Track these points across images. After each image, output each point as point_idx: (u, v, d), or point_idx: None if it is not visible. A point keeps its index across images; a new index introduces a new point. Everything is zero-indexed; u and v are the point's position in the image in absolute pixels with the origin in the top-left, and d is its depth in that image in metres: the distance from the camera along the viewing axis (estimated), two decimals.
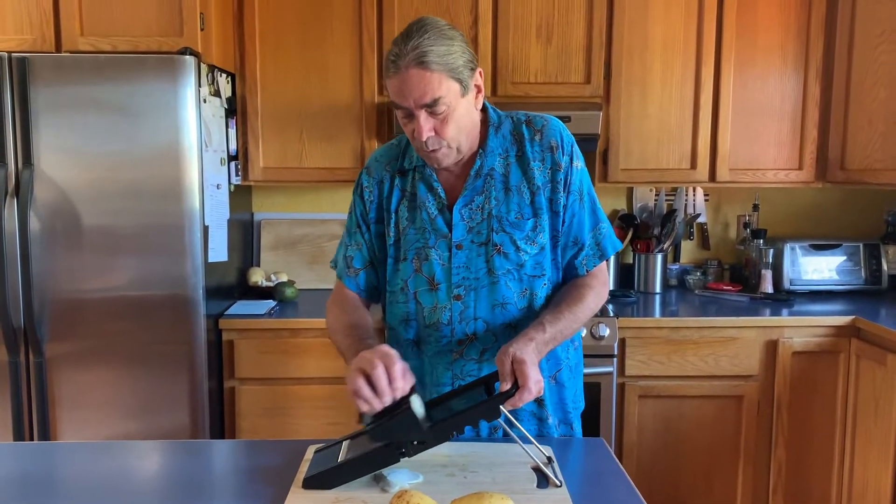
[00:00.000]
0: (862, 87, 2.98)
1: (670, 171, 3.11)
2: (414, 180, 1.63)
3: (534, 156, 1.59)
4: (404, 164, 1.66)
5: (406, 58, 1.43)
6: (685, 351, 2.84)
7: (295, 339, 2.81)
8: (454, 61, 1.45)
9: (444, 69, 1.44)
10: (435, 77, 1.44)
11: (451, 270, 1.59)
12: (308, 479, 1.35)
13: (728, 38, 3.03)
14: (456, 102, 1.48)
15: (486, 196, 1.59)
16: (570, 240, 1.63)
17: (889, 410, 2.61)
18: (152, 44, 2.64)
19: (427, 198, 1.61)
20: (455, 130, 1.51)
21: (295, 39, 2.99)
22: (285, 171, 3.07)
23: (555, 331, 1.51)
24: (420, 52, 1.42)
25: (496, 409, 1.39)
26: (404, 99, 1.46)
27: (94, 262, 2.60)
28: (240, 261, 3.22)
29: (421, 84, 1.44)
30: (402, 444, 1.35)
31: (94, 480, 1.44)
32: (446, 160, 1.55)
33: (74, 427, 2.66)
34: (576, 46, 3.01)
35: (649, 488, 2.83)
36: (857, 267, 3.27)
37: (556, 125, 1.63)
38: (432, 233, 1.60)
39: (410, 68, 1.43)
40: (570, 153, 1.60)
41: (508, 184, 1.59)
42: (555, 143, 1.59)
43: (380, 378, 1.34)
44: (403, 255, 1.64)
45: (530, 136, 1.61)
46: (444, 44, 1.45)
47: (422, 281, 1.62)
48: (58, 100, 2.53)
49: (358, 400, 1.35)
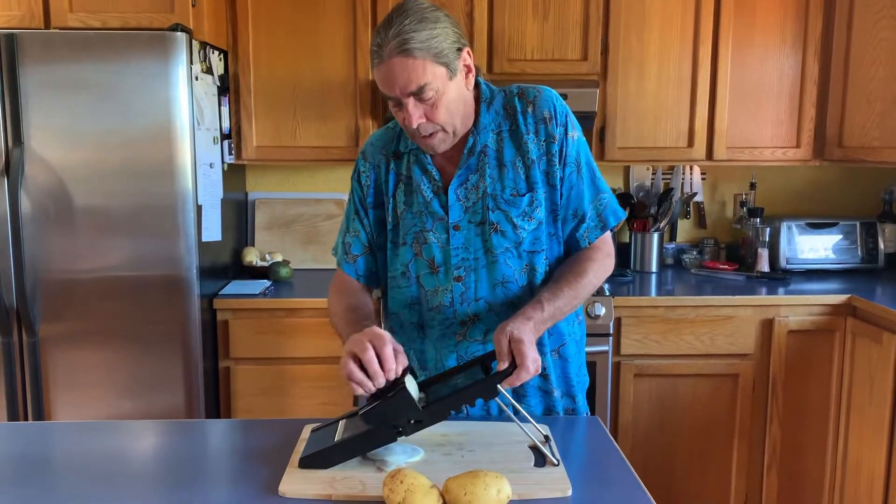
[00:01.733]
0: (860, 66, 2.95)
1: (667, 149, 3.09)
2: (409, 163, 1.61)
3: (527, 128, 1.56)
4: (399, 147, 1.64)
5: (388, 46, 1.40)
6: (681, 330, 2.83)
7: (290, 318, 2.80)
8: (438, 45, 1.42)
9: (429, 54, 1.41)
10: (419, 64, 1.41)
11: (449, 252, 1.58)
12: (304, 458, 1.34)
13: (726, 16, 3.00)
14: (444, 86, 1.45)
15: (480, 174, 1.57)
16: (569, 213, 1.60)
17: (884, 389, 2.62)
18: (143, 20, 2.61)
19: (422, 180, 1.59)
20: (446, 114, 1.48)
21: (288, 16, 2.96)
22: (279, 149, 3.04)
23: (553, 308, 1.50)
24: (402, 38, 1.39)
25: (494, 387, 1.38)
26: (391, 88, 1.44)
27: (86, 243, 2.58)
28: (234, 240, 3.20)
29: (405, 72, 1.41)
30: (399, 423, 1.34)
31: (88, 461, 1.44)
32: (442, 145, 1.53)
33: (68, 407, 2.66)
34: (573, 23, 2.98)
35: (644, 467, 2.84)
36: (853, 246, 3.26)
37: (549, 95, 1.59)
38: (429, 216, 1.59)
39: (394, 57, 1.40)
40: (564, 123, 1.57)
41: (503, 160, 1.57)
42: (548, 113, 1.56)
43: (371, 361, 1.33)
44: (402, 240, 1.62)
45: (523, 108, 1.57)
46: (427, 27, 1.41)
47: (422, 264, 1.61)
48: (47, 78, 2.50)
49: (351, 384, 1.35)
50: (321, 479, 1.28)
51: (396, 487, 1.15)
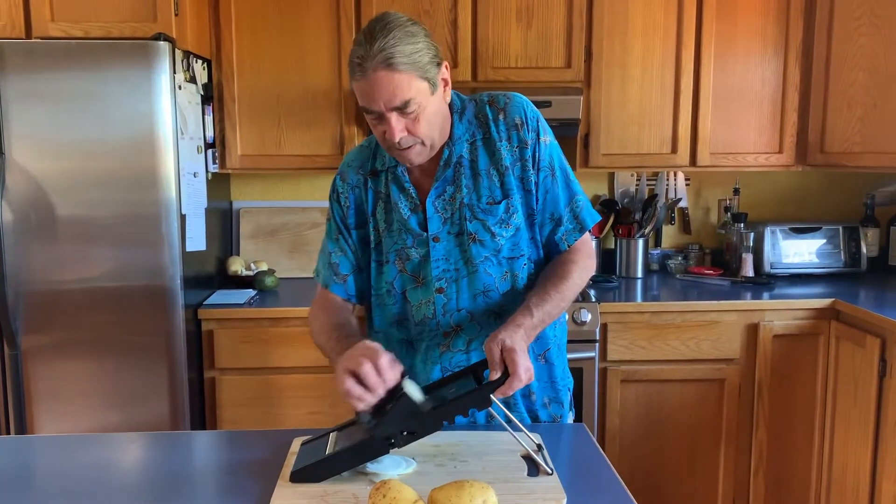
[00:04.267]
0: (841, 71, 2.98)
1: (651, 155, 3.11)
2: (387, 181, 1.61)
3: (500, 136, 1.57)
4: (376, 164, 1.64)
5: (373, 60, 1.39)
6: (667, 335, 2.84)
7: (276, 328, 2.78)
8: (421, 59, 1.42)
9: (413, 69, 1.41)
10: (404, 78, 1.41)
11: (430, 264, 1.58)
12: (295, 472, 1.33)
13: (708, 22, 3.02)
14: (426, 101, 1.45)
15: (456, 185, 1.57)
16: (546, 217, 1.61)
17: (868, 392, 2.64)
18: (125, 29, 2.59)
19: (399, 199, 1.59)
20: (427, 128, 1.48)
21: (272, 24, 2.95)
22: (263, 158, 3.03)
23: (542, 314, 1.50)
24: (387, 53, 1.39)
25: (487, 397, 1.38)
26: (373, 102, 1.43)
27: (69, 253, 2.56)
28: (219, 250, 3.18)
29: (390, 86, 1.41)
30: (391, 435, 1.33)
31: (72, 475, 1.42)
32: (419, 158, 1.52)
33: (52, 420, 2.63)
34: (556, 30, 2.99)
35: (631, 472, 2.85)
36: (836, 250, 3.29)
37: (519, 101, 1.59)
38: (408, 233, 1.59)
39: (378, 71, 1.39)
40: (535, 128, 1.58)
41: (477, 168, 1.57)
42: (519, 120, 1.57)
43: (368, 373, 1.32)
44: (386, 258, 1.63)
45: (494, 115, 1.58)
46: (410, 42, 1.41)
47: (407, 279, 1.61)
48: (29, 87, 2.48)
49: (351, 400, 1.34)
50: (313, 494, 1.27)
51: (379, 501, 1.14)
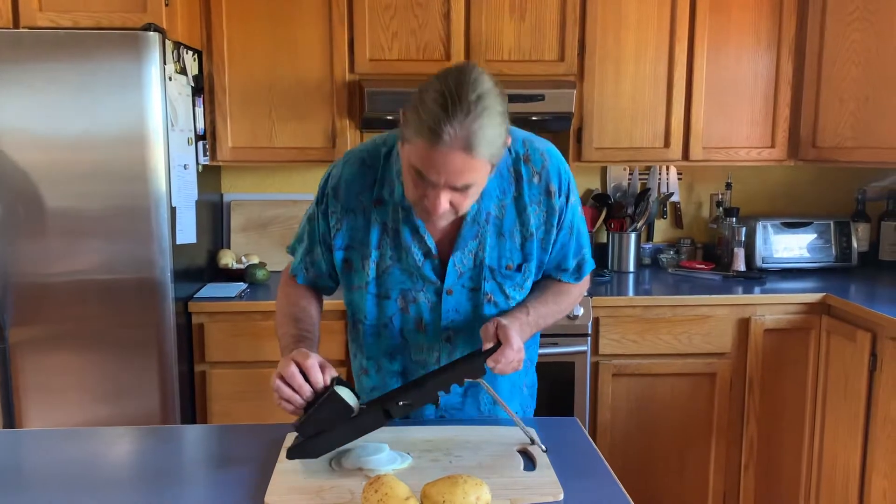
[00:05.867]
0: (833, 66, 2.99)
1: (644, 149, 3.10)
2: (397, 217, 1.50)
3: (531, 198, 1.51)
4: (382, 193, 1.51)
5: (455, 137, 1.26)
6: (658, 329, 2.84)
7: (266, 321, 2.76)
8: (499, 142, 1.32)
9: (488, 156, 1.31)
10: (478, 164, 1.30)
11: (440, 314, 1.55)
12: (292, 449, 1.34)
13: (701, 16, 3.02)
14: (484, 180, 1.38)
15: (480, 242, 1.51)
16: (552, 265, 1.61)
17: (858, 386, 2.65)
18: (115, 20, 2.56)
19: (412, 243, 1.50)
20: (470, 203, 1.40)
21: (263, 15, 2.92)
22: (255, 150, 3.01)
23: (537, 315, 1.54)
24: (473, 137, 1.26)
25: (480, 366, 1.40)
26: (434, 174, 1.31)
27: (58, 246, 2.53)
28: (209, 243, 3.16)
29: (461, 169, 1.30)
30: (388, 406, 1.36)
31: (62, 469, 1.41)
32: (445, 223, 1.43)
33: (41, 414, 2.60)
34: (549, 23, 2.97)
35: (623, 466, 2.85)
36: (827, 245, 3.30)
37: (555, 165, 1.53)
38: (420, 278, 1.53)
39: (455, 151, 1.27)
40: (566, 192, 1.53)
41: (502, 228, 1.51)
42: (553, 187, 1.51)
43: (294, 375, 1.34)
44: (386, 293, 1.55)
45: (528, 176, 1.50)
46: (496, 125, 1.29)
47: (409, 320, 1.57)
48: (17, 78, 2.45)
49: (281, 402, 1.36)
50: (309, 489, 1.26)
51: (371, 496, 1.14)
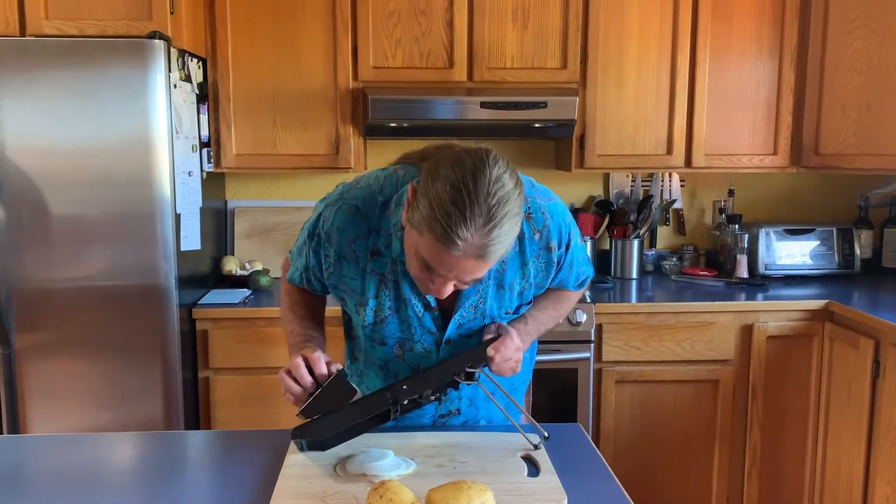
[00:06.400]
0: (836, 74, 2.99)
1: (646, 156, 3.11)
2: (395, 270, 1.46)
3: (532, 253, 1.50)
4: (379, 245, 1.45)
5: (469, 244, 1.21)
6: (661, 336, 2.85)
7: (270, 327, 2.77)
8: (513, 241, 1.28)
9: (499, 257, 1.27)
10: (487, 265, 1.28)
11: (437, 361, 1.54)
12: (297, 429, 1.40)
13: (703, 24, 3.02)
14: None
15: (480, 297, 1.50)
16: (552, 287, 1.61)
17: (861, 393, 2.64)
18: (120, 27, 2.58)
19: (412, 296, 1.48)
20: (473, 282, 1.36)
21: (267, 23, 2.94)
22: (259, 157, 3.02)
23: (537, 324, 1.57)
24: (490, 247, 1.23)
25: (482, 353, 1.43)
26: (444, 271, 1.27)
27: (62, 252, 2.54)
28: (213, 249, 3.17)
29: (473, 271, 1.28)
30: (394, 397, 1.39)
31: (66, 474, 1.41)
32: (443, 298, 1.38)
33: (45, 419, 2.61)
34: (552, 31, 2.99)
35: (626, 473, 2.84)
36: (830, 251, 3.30)
37: (557, 223, 1.50)
38: (418, 328, 1.51)
39: (469, 258, 1.23)
40: (566, 244, 1.52)
41: (502, 282, 1.50)
42: (553, 244, 1.49)
43: (299, 366, 1.39)
44: (382, 340, 1.54)
45: (530, 233, 1.48)
46: (515, 227, 1.26)
47: (403, 365, 1.57)
48: (23, 85, 2.46)
49: (287, 395, 1.40)
50: (313, 495, 1.27)
51: (375, 502, 1.14)
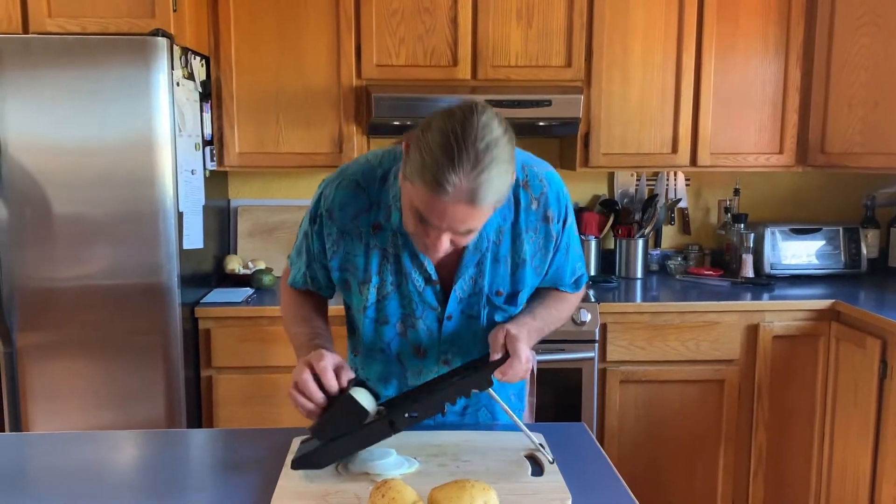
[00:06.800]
0: (842, 72, 2.97)
1: (651, 155, 3.09)
2: (396, 243, 1.46)
3: (527, 225, 1.47)
4: (380, 218, 1.45)
5: (459, 189, 1.20)
6: (666, 336, 2.83)
7: (273, 326, 2.76)
8: (504, 189, 1.26)
9: (493, 203, 1.26)
10: (482, 212, 1.26)
11: (439, 339, 1.53)
12: (297, 459, 1.32)
13: (709, 22, 3.01)
14: (485, 220, 1.32)
15: (479, 270, 1.48)
16: (547, 281, 1.58)
17: (868, 393, 2.63)
18: (123, 25, 2.57)
19: (412, 269, 1.47)
20: (471, 239, 1.35)
21: (271, 21, 2.93)
22: (262, 156, 3.01)
23: (543, 322, 1.52)
24: (479, 190, 1.21)
25: (487, 377, 1.38)
26: (437, 220, 1.26)
27: (65, 251, 2.53)
28: (216, 248, 3.16)
29: (464, 219, 1.25)
30: (394, 418, 1.33)
31: (68, 473, 1.40)
32: (440, 255, 1.37)
33: (47, 418, 2.60)
34: (556, 29, 2.97)
35: (631, 473, 2.80)
36: (836, 251, 3.28)
37: (554, 191, 1.48)
38: (419, 304, 1.50)
39: (459, 202, 1.22)
40: (563, 217, 1.50)
41: (498, 254, 1.48)
42: (551, 213, 1.48)
43: (307, 381, 1.33)
44: (385, 319, 1.53)
45: (527, 202, 1.46)
46: (503, 173, 1.24)
47: (406, 345, 1.55)
48: (25, 83, 2.46)
49: (298, 409, 1.35)
50: (315, 494, 1.26)
51: (378, 501, 1.13)
